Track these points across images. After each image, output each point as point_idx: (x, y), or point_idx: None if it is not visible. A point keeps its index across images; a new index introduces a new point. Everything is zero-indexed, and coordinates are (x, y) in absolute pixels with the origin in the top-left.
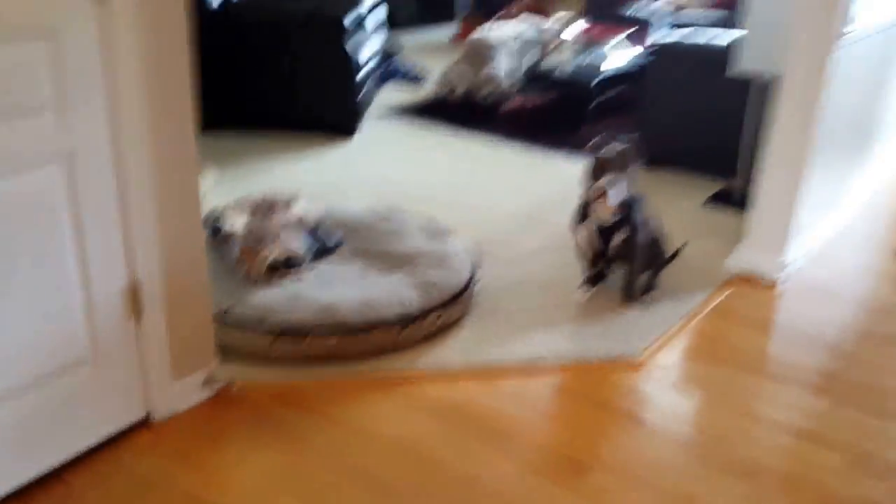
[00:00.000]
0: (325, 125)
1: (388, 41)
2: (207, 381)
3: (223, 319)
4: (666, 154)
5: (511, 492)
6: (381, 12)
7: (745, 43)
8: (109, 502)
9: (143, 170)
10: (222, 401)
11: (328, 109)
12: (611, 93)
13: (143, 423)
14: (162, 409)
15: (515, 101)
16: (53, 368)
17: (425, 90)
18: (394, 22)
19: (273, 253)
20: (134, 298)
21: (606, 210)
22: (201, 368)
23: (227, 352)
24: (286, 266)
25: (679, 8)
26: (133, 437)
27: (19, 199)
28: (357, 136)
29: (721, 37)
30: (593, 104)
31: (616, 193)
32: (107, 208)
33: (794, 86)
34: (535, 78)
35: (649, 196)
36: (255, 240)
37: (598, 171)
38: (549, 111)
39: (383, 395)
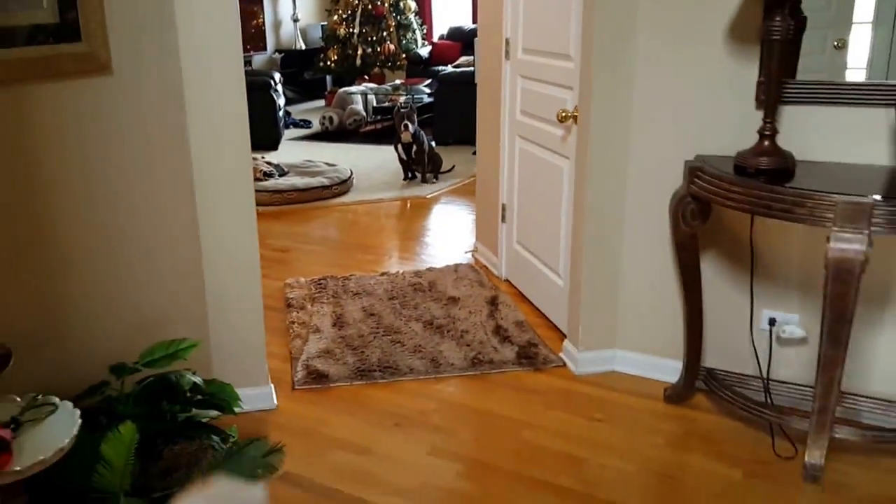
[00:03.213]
0: (262, 144)
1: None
2: None
3: None
4: (447, 138)
5: None
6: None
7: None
8: None
9: None
10: None
11: (263, 134)
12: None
13: None
14: None
15: (368, 126)
16: None
17: (313, 128)
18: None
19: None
20: None
21: (406, 135)
22: None
23: None
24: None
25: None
26: None
27: None
28: (280, 149)
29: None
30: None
31: (411, 127)
32: None
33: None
34: (377, 112)
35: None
36: None
37: (401, 118)
38: (384, 128)
39: None
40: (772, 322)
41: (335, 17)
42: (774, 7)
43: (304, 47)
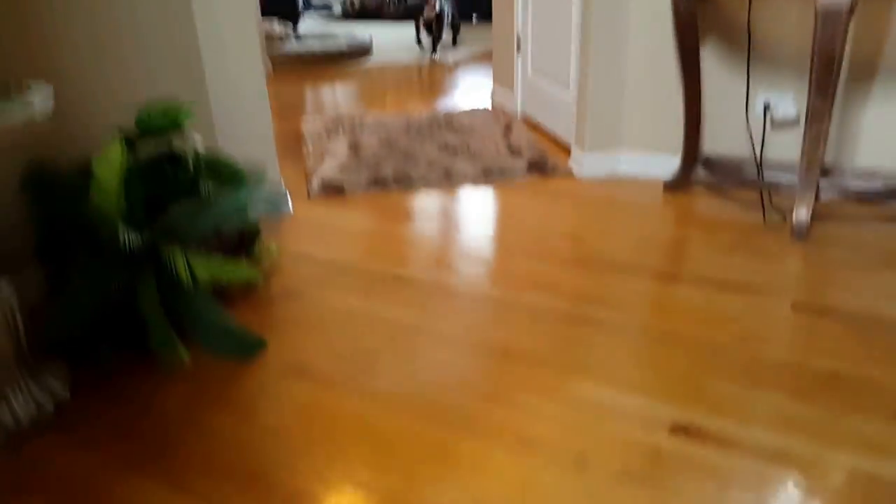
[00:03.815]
0: (284, 15)
1: None
2: None
3: None
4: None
5: None
6: None
7: None
8: None
9: None
10: None
11: (287, 11)
12: None
13: None
14: None
15: (390, 7)
16: None
17: (334, 11)
18: None
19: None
20: None
21: (431, 10)
22: None
23: None
24: None
25: None
26: None
27: None
28: (299, 27)
29: None
30: None
31: (437, 4)
32: None
33: None
34: None
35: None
36: None
37: None
38: (408, 8)
39: None
40: (766, 107)
41: None
42: None
43: None
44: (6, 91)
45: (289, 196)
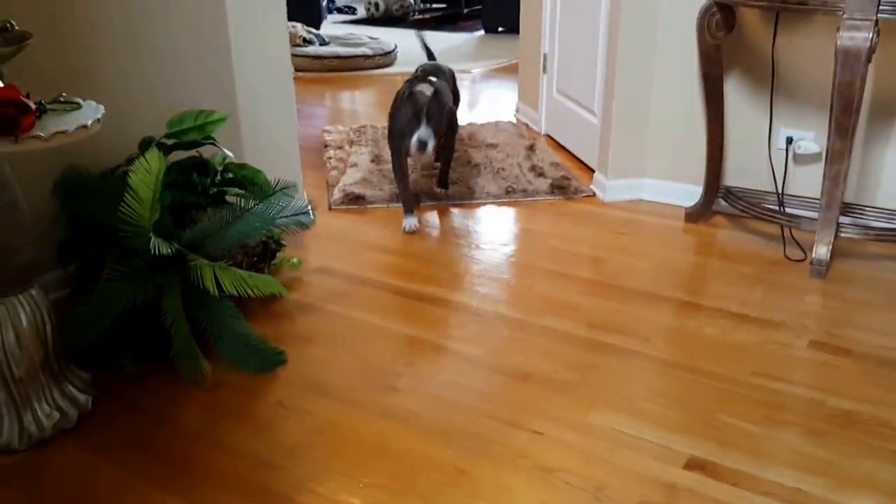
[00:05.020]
0: (307, 19)
1: None
2: None
3: None
4: (496, 26)
5: None
6: None
7: None
8: None
9: None
10: None
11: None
12: None
13: None
14: None
15: (416, 15)
16: None
17: (358, 15)
18: None
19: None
20: None
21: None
22: None
23: None
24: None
25: None
26: None
27: None
28: (322, 28)
29: None
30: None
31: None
32: None
33: None
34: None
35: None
36: None
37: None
38: (434, 18)
39: None
40: (789, 141)
41: None
42: None
43: None
44: (59, 103)
45: (312, 209)
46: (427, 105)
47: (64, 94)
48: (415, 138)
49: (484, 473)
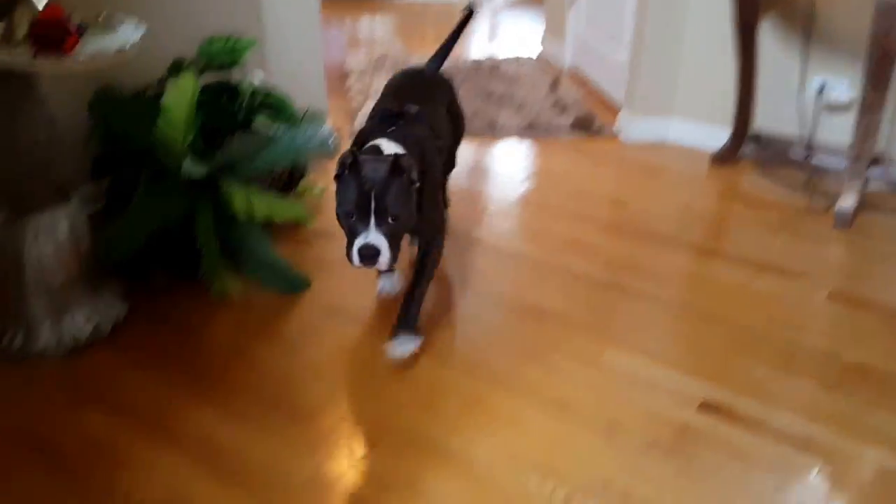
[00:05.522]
0: None
1: None
2: None
3: None
4: None
5: None
6: None
7: None
8: None
9: None
10: None
11: None
12: None
13: None
14: None
15: None
16: None
17: None
18: None
19: None
20: None
21: None
22: None
23: None
24: None
25: None
26: None
27: None
28: None
29: None
30: None
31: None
32: None
33: None
34: None
35: None
36: None
37: None
38: None
39: None
40: (821, 89)
41: None
42: None
43: None
44: (98, 23)
45: (337, 138)
46: (379, 188)
47: (103, 14)
48: (356, 246)
49: (501, 403)
